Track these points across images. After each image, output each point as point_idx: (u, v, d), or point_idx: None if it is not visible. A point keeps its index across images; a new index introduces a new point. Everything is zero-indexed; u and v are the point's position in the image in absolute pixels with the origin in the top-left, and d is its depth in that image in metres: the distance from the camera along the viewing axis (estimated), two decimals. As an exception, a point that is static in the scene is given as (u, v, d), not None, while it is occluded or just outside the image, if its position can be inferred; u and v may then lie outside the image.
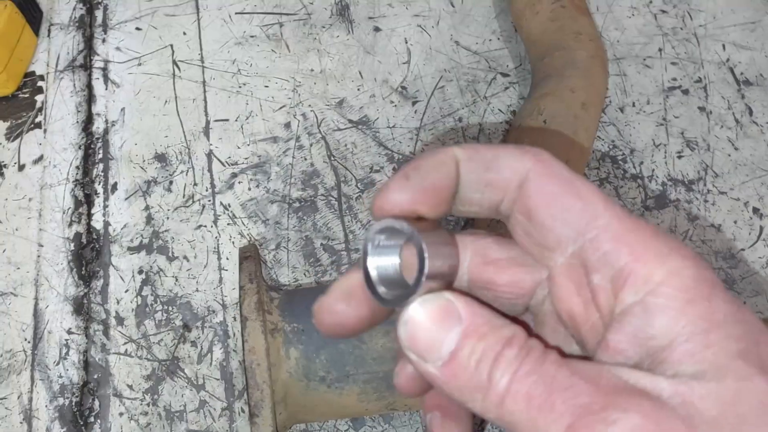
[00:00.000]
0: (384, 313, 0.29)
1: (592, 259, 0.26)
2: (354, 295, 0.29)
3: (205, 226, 0.62)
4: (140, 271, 0.61)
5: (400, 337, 0.27)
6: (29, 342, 0.59)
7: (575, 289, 0.27)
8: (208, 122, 0.67)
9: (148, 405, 0.56)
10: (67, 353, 0.58)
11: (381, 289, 0.28)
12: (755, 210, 0.62)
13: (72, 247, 0.62)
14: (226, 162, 0.65)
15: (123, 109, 0.68)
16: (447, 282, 0.27)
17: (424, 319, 0.26)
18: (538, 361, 0.25)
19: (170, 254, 0.61)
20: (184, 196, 0.64)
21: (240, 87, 0.69)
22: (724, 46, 0.70)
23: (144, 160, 0.65)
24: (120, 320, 0.59)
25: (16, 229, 0.63)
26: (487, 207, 0.29)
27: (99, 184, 0.64)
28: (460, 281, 0.31)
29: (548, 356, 0.25)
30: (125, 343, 0.58)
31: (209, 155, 0.65)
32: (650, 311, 0.24)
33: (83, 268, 0.61)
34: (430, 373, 0.26)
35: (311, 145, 0.66)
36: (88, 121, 0.67)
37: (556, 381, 0.24)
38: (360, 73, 0.70)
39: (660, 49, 0.70)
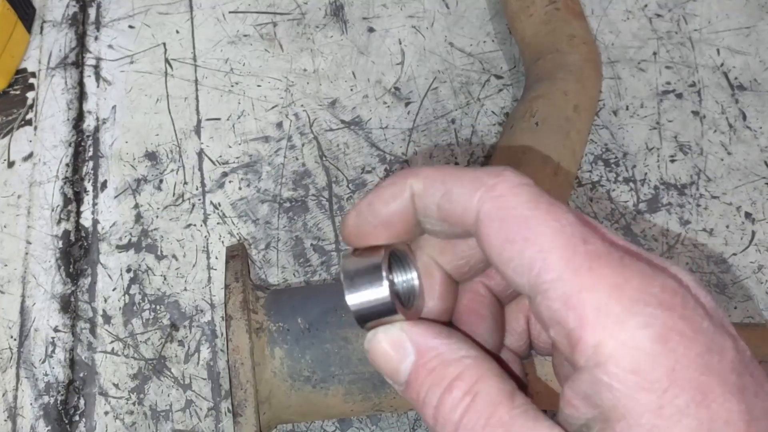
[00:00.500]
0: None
1: (544, 313, 0.24)
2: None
3: (195, 225, 0.62)
4: (128, 270, 0.60)
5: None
6: (15, 339, 0.58)
7: (542, 328, 0.27)
8: (199, 121, 0.67)
9: (133, 404, 0.56)
10: (53, 351, 0.58)
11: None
12: (747, 215, 0.62)
13: (60, 245, 0.62)
14: (217, 161, 0.65)
15: (114, 107, 0.67)
16: (391, 313, 0.28)
17: (383, 348, 0.28)
18: (482, 418, 0.25)
19: (159, 253, 0.61)
20: (174, 195, 0.63)
21: (232, 86, 0.68)
22: (718, 50, 0.70)
23: (134, 159, 0.65)
24: (107, 319, 0.59)
25: (5, 226, 0.62)
26: (454, 235, 0.28)
27: (88, 182, 0.64)
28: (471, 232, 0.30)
29: (495, 412, 0.25)
30: (112, 342, 0.58)
31: (200, 154, 0.65)
32: (598, 384, 0.23)
33: (71, 266, 0.61)
34: (400, 390, 0.28)
35: (303, 145, 0.66)
36: (79, 118, 0.67)
37: None
38: (353, 73, 0.69)
39: (654, 53, 0.70)
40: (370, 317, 0.28)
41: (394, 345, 0.27)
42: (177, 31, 0.71)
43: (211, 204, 0.63)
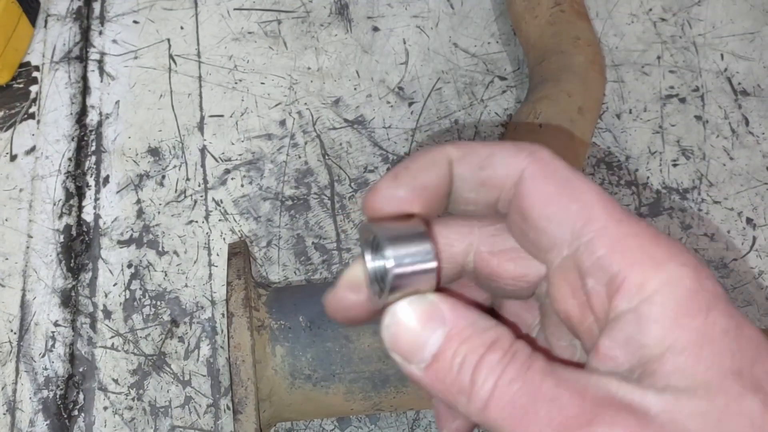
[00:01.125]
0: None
1: (586, 263, 0.25)
2: (361, 286, 0.28)
3: (197, 222, 0.62)
4: (129, 265, 0.60)
5: (383, 338, 0.27)
6: (15, 333, 0.58)
7: (571, 291, 0.26)
8: (202, 117, 0.67)
9: (133, 399, 0.56)
10: (53, 345, 0.58)
11: (375, 288, 0.27)
12: (749, 220, 0.62)
13: (62, 239, 0.62)
14: (220, 158, 0.65)
15: (117, 102, 0.67)
16: (428, 283, 0.26)
17: (408, 321, 0.26)
18: (523, 368, 0.24)
19: (160, 249, 0.61)
20: (176, 191, 0.63)
21: (236, 83, 0.68)
22: (722, 55, 0.70)
23: (137, 154, 0.65)
24: (107, 314, 0.59)
25: (6, 220, 0.62)
26: (484, 206, 0.29)
27: (91, 177, 0.64)
28: (465, 268, 0.30)
29: (534, 363, 0.25)
30: (112, 337, 0.58)
31: (203, 151, 0.65)
32: (643, 320, 0.24)
33: (72, 261, 0.61)
34: (415, 374, 0.26)
35: (306, 143, 0.66)
36: (82, 113, 0.67)
37: (541, 391, 0.24)
38: (357, 72, 0.69)
39: (658, 57, 0.70)
40: (406, 285, 0.26)
41: (426, 316, 0.26)
42: (181, 27, 0.71)
43: (213, 201, 0.63)
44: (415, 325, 0.26)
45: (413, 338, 0.26)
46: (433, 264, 0.26)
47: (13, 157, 0.65)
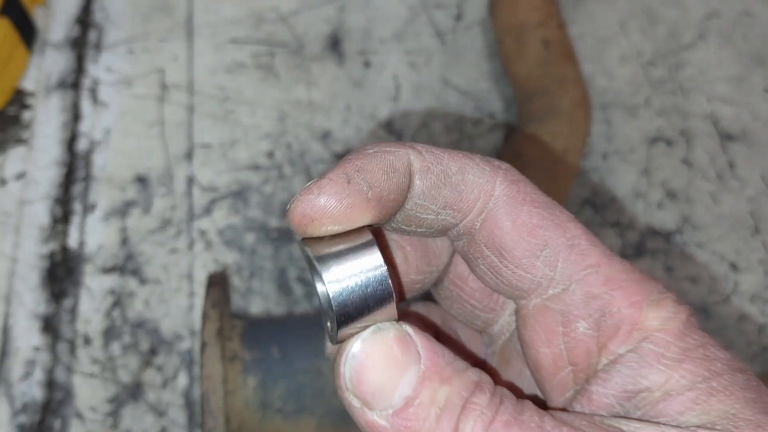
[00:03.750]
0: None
1: (578, 304, 0.23)
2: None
3: (180, 251, 0.62)
4: (112, 293, 0.60)
5: (341, 375, 0.22)
6: (-6, 357, 0.58)
7: (546, 339, 0.23)
8: (191, 147, 0.67)
9: (109, 428, 0.56)
10: (32, 371, 0.58)
11: (327, 320, 0.23)
12: (732, 264, 0.62)
13: (46, 265, 0.62)
14: (207, 188, 0.65)
15: (108, 130, 0.68)
16: (386, 311, 0.22)
17: (376, 356, 0.21)
18: (516, 410, 0.21)
19: (143, 277, 0.61)
20: (161, 220, 0.64)
21: (227, 114, 0.69)
22: (709, 99, 0.71)
23: (125, 182, 0.65)
24: (87, 340, 0.59)
25: (-8, 243, 0.63)
26: (437, 230, 0.24)
27: (78, 203, 0.64)
28: (436, 278, 0.27)
29: (526, 404, 0.21)
30: (91, 364, 0.58)
31: (190, 180, 0.66)
32: (645, 360, 0.22)
33: (55, 286, 0.61)
34: (376, 424, 0.21)
35: (293, 175, 0.66)
36: (73, 139, 0.68)
37: None
38: (347, 106, 0.70)
39: (646, 99, 0.71)
40: (358, 313, 0.21)
41: (399, 348, 0.21)
42: (175, 58, 0.72)
43: (198, 230, 0.63)
44: (385, 361, 0.21)
45: (381, 376, 0.21)
46: (386, 283, 0.22)
47: (2, 182, 0.66)
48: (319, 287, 0.22)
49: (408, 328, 0.22)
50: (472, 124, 0.69)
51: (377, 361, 0.21)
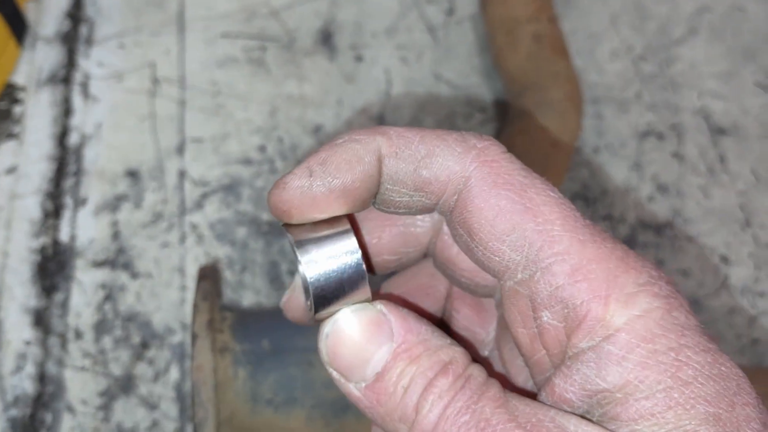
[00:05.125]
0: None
1: (542, 293, 0.22)
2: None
3: (172, 245, 0.62)
4: (103, 287, 0.60)
5: (320, 350, 0.24)
6: (-15, 351, 0.58)
7: (522, 321, 0.23)
8: (183, 141, 0.67)
9: (100, 421, 0.56)
10: (23, 365, 0.58)
11: (307, 301, 0.25)
12: (722, 257, 0.63)
13: (37, 259, 0.62)
14: (198, 182, 0.65)
15: (100, 124, 0.68)
16: (361, 292, 0.24)
17: (350, 332, 0.23)
18: (474, 396, 0.22)
19: (134, 271, 0.61)
20: (153, 214, 0.64)
21: (218, 108, 0.69)
22: (700, 94, 0.71)
23: (116, 176, 0.65)
24: (79, 334, 0.59)
25: (-17, 237, 0.63)
26: (418, 209, 0.25)
27: (69, 197, 0.64)
28: (429, 251, 0.27)
29: (487, 391, 0.22)
30: (82, 358, 0.58)
31: (182, 174, 0.66)
32: (604, 360, 0.21)
33: (46, 280, 0.61)
34: (353, 394, 0.23)
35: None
36: (64, 134, 0.68)
37: (490, 425, 0.21)
38: (339, 100, 0.70)
39: (637, 94, 0.71)
40: (333, 294, 0.23)
41: (372, 328, 0.23)
42: (167, 52, 0.72)
43: (189, 224, 0.63)
44: (359, 338, 0.23)
45: (355, 352, 0.23)
46: (360, 266, 0.23)
47: (-7, 176, 0.65)
48: (300, 269, 0.24)
49: (382, 308, 0.23)
50: (463, 118, 0.69)
51: (349, 339, 0.23)
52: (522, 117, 0.62)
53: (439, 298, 0.29)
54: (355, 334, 0.23)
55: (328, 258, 0.23)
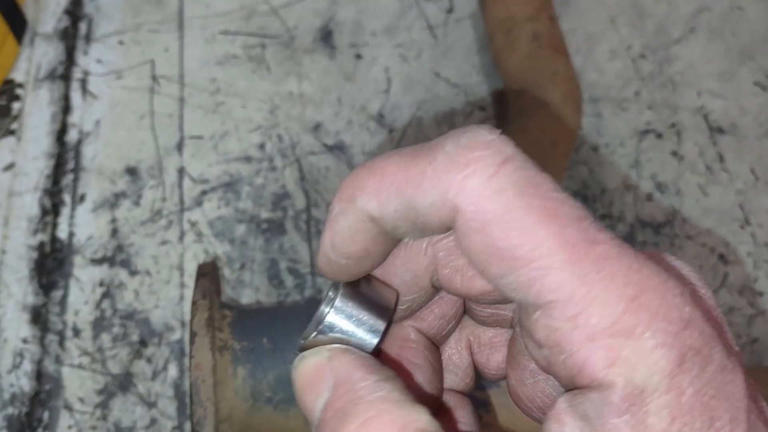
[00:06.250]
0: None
1: (542, 333, 0.20)
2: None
3: (171, 242, 0.62)
4: (101, 284, 0.60)
5: None
6: (-17, 349, 0.58)
7: (532, 346, 0.22)
8: (182, 139, 0.67)
9: (98, 419, 0.56)
10: (20, 362, 0.58)
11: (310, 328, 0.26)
12: (720, 256, 0.63)
13: (35, 256, 0.61)
14: (197, 179, 0.65)
15: (98, 121, 0.68)
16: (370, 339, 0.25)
17: (299, 379, 0.23)
18: None
19: (133, 268, 0.61)
20: (151, 211, 0.63)
21: (217, 106, 0.69)
22: (699, 93, 0.71)
23: (115, 173, 0.65)
24: (77, 332, 0.58)
25: (-20, 235, 0.62)
26: (435, 230, 0.23)
27: (67, 194, 0.64)
28: (429, 295, 0.26)
29: None
30: (80, 356, 0.58)
31: (181, 171, 0.65)
32: (604, 410, 0.19)
33: (44, 278, 0.61)
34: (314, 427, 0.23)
35: (284, 167, 0.66)
36: (63, 131, 0.67)
37: None
38: (338, 98, 0.70)
39: (636, 93, 0.71)
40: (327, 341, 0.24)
41: (311, 377, 0.23)
42: (166, 50, 0.72)
43: (188, 222, 0.63)
44: (304, 385, 0.23)
45: (303, 398, 0.23)
46: (369, 348, 0.24)
47: (-9, 173, 0.65)
48: (326, 311, 0.25)
49: (329, 353, 0.23)
50: (463, 116, 0.69)
51: (298, 383, 0.23)
52: (521, 116, 0.62)
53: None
54: (301, 381, 0.23)
55: (356, 321, 0.24)
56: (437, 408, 0.28)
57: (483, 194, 0.20)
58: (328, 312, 0.24)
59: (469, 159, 0.20)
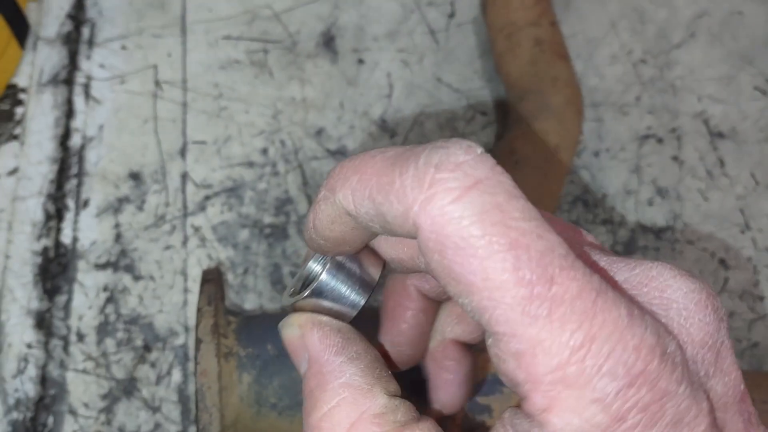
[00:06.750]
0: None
1: (494, 360, 0.21)
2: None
3: (174, 247, 0.62)
4: (105, 289, 0.61)
5: None
6: (-13, 353, 0.58)
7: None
8: (185, 143, 0.67)
9: (102, 424, 0.56)
10: (25, 367, 0.58)
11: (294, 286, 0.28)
12: (721, 261, 0.63)
13: (39, 261, 0.62)
14: (201, 184, 0.65)
15: (101, 126, 0.68)
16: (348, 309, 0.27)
17: (285, 341, 0.27)
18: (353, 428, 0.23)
19: (136, 273, 0.61)
20: (155, 216, 0.64)
21: (220, 110, 0.69)
22: (699, 98, 0.71)
23: (118, 178, 0.65)
24: (81, 337, 0.59)
25: (-15, 240, 0.63)
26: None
27: (71, 199, 0.64)
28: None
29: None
30: (84, 361, 0.58)
31: (184, 176, 0.66)
32: None
33: (48, 283, 0.61)
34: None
35: (287, 172, 0.66)
36: (66, 135, 0.68)
37: None
38: (341, 103, 0.70)
39: (637, 98, 0.71)
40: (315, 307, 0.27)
41: (295, 343, 0.26)
42: (169, 54, 0.72)
43: (191, 227, 0.63)
44: (288, 346, 0.27)
45: (292, 359, 0.27)
46: (355, 310, 0.27)
47: (-6, 178, 0.65)
48: (314, 267, 0.28)
49: (304, 323, 0.26)
50: (464, 121, 0.70)
51: (286, 343, 0.27)
52: (523, 121, 0.62)
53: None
54: (287, 341, 0.27)
55: (344, 284, 0.26)
56: (420, 358, 0.31)
57: (442, 218, 0.20)
58: (316, 281, 0.26)
59: (434, 179, 0.20)
